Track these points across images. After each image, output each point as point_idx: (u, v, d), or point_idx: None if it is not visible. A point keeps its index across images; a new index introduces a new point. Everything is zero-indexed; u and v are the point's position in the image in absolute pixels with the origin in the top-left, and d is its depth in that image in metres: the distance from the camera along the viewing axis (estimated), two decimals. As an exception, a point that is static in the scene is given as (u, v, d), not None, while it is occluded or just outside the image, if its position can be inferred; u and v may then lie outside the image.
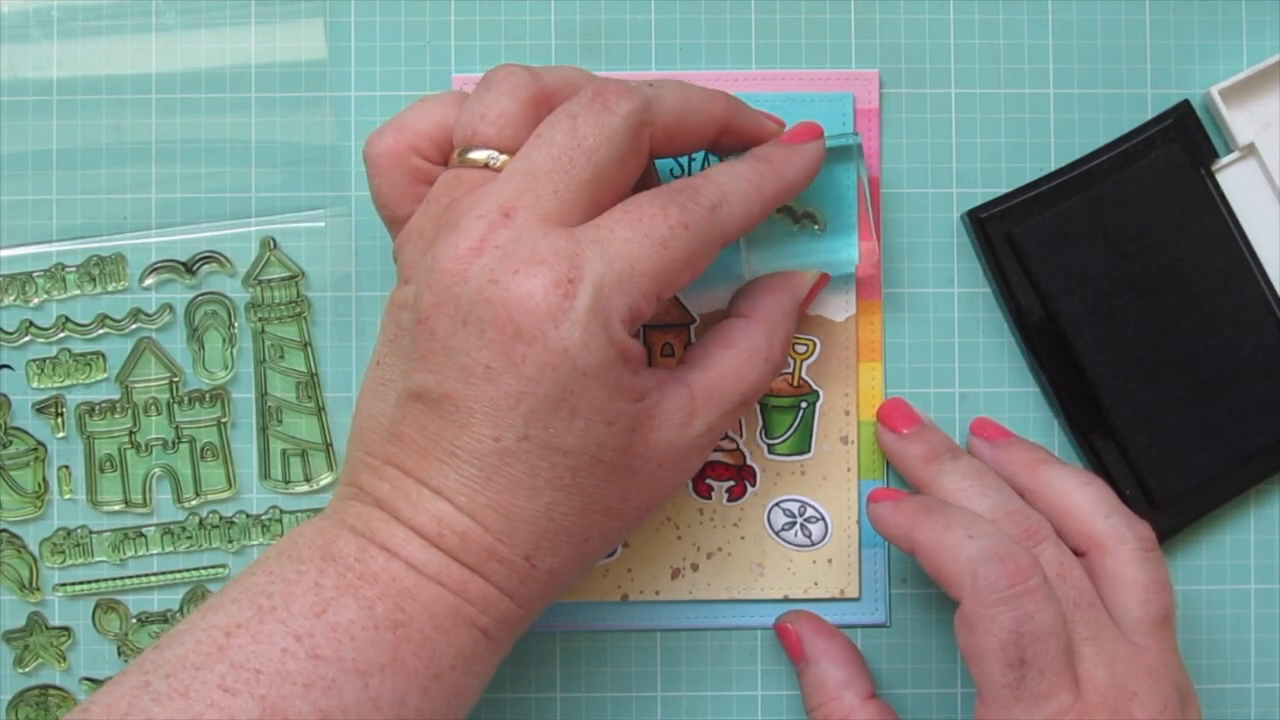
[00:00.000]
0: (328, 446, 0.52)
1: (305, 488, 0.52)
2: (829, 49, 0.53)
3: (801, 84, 0.53)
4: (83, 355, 0.52)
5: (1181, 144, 0.52)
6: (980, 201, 0.52)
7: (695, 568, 0.52)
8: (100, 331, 0.52)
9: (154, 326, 0.52)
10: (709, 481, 0.53)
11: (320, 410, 0.52)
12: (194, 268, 0.52)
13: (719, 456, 0.53)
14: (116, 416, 0.52)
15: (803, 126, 0.47)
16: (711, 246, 0.43)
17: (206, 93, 0.53)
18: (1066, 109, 0.53)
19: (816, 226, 0.49)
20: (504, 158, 0.43)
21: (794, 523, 0.52)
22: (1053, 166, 0.53)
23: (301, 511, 0.52)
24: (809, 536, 0.52)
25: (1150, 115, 0.53)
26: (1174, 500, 0.52)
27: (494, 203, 0.41)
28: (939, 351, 0.53)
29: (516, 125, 0.43)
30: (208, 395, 0.52)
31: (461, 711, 0.42)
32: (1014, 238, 0.52)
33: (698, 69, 0.53)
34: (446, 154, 0.45)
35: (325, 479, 0.52)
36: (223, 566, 0.52)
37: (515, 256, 0.40)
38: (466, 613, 0.41)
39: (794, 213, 0.49)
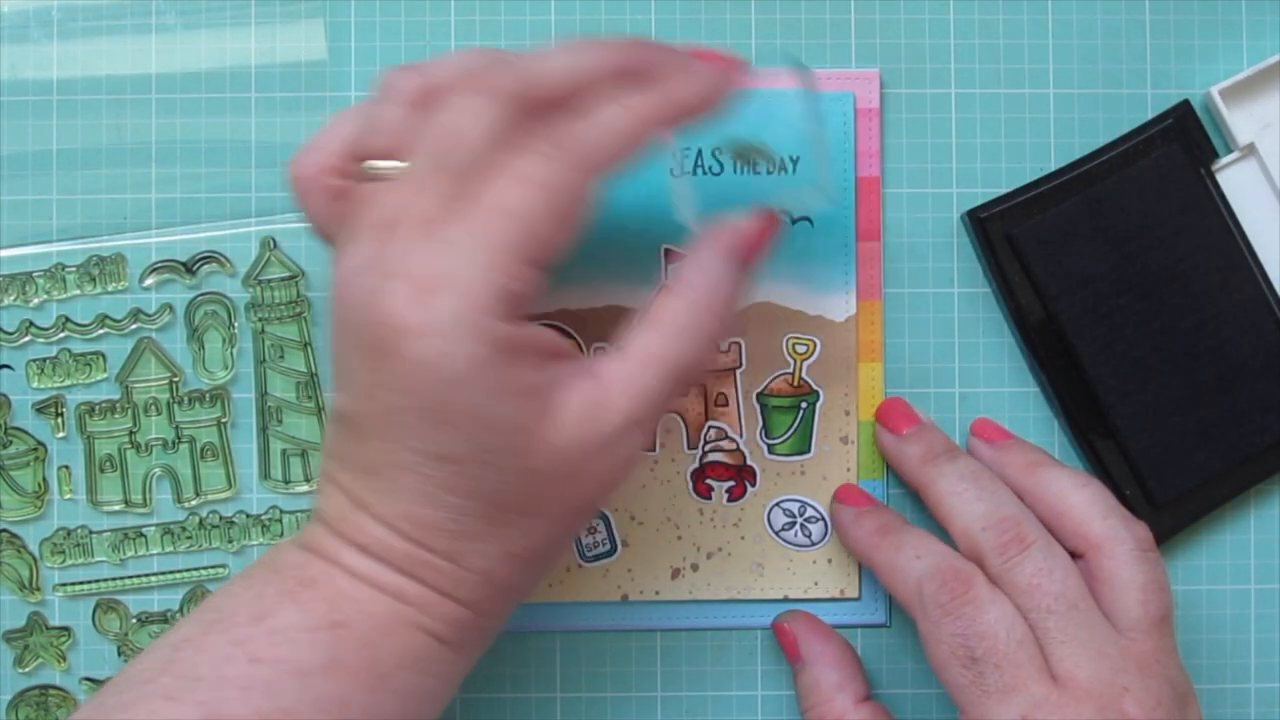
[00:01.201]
0: (328, 446, 0.52)
1: (305, 488, 0.52)
2: (829, 49, 0.53)
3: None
4: (83, 355, 0.52)
5: (1181, 144, 0.52)
6: (980, 201, 0.52)
7: (695, 568, 0.52)
8: (100, 331, 0.52)
9: (154, 326, 0.52)
10: (709, 481, 0.53)
11: (320, 410, 0.52)
12: (194, 268, 0.52)
13: (719, 457, 0.53)
14: (116, 416, 0.52)
15: (715, 54, 0.44)
16: (578, 191, 0.40)
17: (206, 93, 0.53)
18: (1066, 109, 0.53)
19: (769, 169, 0.47)
20: (405, 165, 0.41)
21: (794, 523, 0.52)
22: (1053, 166, 0.53)
23: (301, 511, 0.52)
24: (809, 536, 0.52)
25: (1150, 115, 0.53)
26: (1174, 500, 0.52)
27: (378, 214, 0.40)
28: (939, 351, 0.53)
29: (407, 130, 0.41)
30: (208, 395, 0.52)
31: (424, 713, 0.43)
32: (1014, 238, 0.52)
33: (698, 69, 0.53)
34: None
35: (325, 479, 0.52)
36: (223, 566, 0.52)
37: (387, 272, 0.39)
38: (407, 614, 0.42)
39: (743, 154, 0.47)
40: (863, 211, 0.53)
